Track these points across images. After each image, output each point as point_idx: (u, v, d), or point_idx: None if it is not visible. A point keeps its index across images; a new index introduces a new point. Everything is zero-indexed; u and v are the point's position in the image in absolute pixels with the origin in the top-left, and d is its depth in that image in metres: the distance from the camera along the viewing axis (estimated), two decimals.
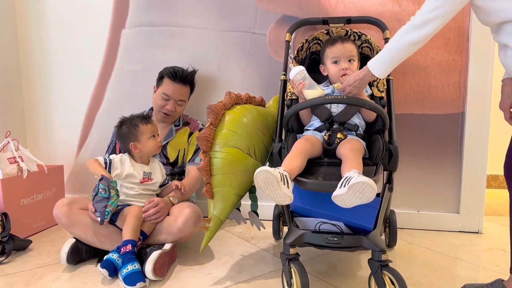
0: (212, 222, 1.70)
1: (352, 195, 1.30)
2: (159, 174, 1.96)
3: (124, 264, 1.59)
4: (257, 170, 1.37)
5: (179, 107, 2.18)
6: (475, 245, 2.08)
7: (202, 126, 2.24)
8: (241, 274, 1.73)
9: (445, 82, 2.19)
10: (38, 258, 1.92)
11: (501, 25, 1.30)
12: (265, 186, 1.38)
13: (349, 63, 1.76)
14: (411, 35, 1.38)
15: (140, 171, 1.91)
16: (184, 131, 2.22)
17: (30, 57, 2.69)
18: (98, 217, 1.72)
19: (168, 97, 2.14)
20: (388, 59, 1.46)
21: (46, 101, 2.71)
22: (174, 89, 2.14)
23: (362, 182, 1.28)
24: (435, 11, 1.33)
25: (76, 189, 2.70)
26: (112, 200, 1.70)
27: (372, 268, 1.43)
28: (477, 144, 2.18)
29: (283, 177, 1.39)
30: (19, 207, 2.15)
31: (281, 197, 1.39)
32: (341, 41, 1.78)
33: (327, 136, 1.65)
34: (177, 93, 2.15)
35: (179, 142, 2.18)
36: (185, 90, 2.19)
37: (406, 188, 2.29)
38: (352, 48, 1.78)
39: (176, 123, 2.23)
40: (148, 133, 1.90)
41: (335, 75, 1.78)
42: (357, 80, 1.56)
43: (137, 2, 2.48)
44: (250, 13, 2.35)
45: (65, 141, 2.71)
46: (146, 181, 1.91)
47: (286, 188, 1.38)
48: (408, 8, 2.17)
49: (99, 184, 1.70)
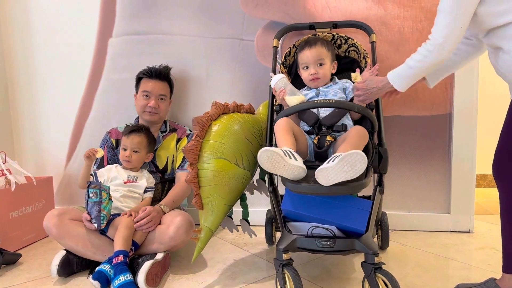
0: (203, 233, 1.69)
1: (341, 168, 1.31)
2: (145, 180, 1.99)
3: (116, 275, 1.58)
4: (259, 152, 1.38)
5: (162, 103, 2.17)
6: (466, 244, 2.10)
7: (190, 131, 2.22)
8: (234, 281, 1.72)
9: None
10: (28, 271, 1.89)
11: (494, 29, 1.33)
12: (272, 165, 1.38)
13: (318, 67, 1.78)
14: (436, 54, 1.39)
15: (125, 174, 1.96)
16: (172, 138, 2.20)
17: (16, 68, 2.66)
18: (94, 223, 1.71)
19: (149, 93, 2.15)
20: (410, 76, 1.50)
21: (33, 112, 2.68)
22: (152, 85, 2.16)
23: (354, 153, 1.29)
24: (453, 25, 1.34)
25: (65, 200, 2.67)
26: (104, 204, 1.72)
27: (365, 271, 1.43)
28: (465, 144, 2.21)
29: (287, 152, 1.39)
30: (7, 220, 2.12)
31: (293, 170, 1.38)
32: (308, 46, 1.80)
33: (316, 140, 1.66)
34: (157, 88, 2.16)
35: (167, 149, 2.17)
36: (163, 85, 2.19)
37: (397, 189, 2.30)
38: (320, 51, 1.79)
39: (162, 130, 2.21)
40: (123, 144, 2.01)
41: (306, 81, 1.82)
42: (375, 88, 1.59)
43: (124, 11, 2.48)
44: (237, 19, 2.36)
45: (53, 152, 2.68)
46: (130, 182, 1.94)
47: (294, 160, 1.38)
48: (394, 11, 2.19)
49: (88, 190, 1.72)
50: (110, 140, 2.19)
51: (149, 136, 2.06)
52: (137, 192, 1.95)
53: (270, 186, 1.71)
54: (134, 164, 1.99)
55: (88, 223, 1.75)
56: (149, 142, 2.04)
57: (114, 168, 2.00)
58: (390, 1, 2.19)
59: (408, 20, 2.19)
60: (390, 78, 1.53)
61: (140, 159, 2.01)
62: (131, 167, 2.00)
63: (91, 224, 1.74)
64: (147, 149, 2.03)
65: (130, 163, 1.98)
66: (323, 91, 1.78)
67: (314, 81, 1.78)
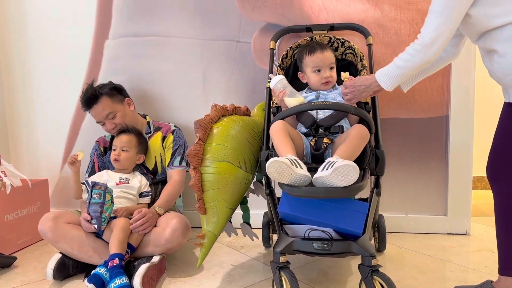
0: (207, 238, 1.68)
1: (335, 177, 1.35)
2: (137, 181, 1.99)
3: (112, 278, 1.57)
4: (267, 164, 1.40)
5: (116, 120, 2.08)
6: (463, 246, 2.10)
7: (175, 127, 2.19)
8: (231, 284, 1.71)
9: (428, 86, 2.22)
10: (23, 275, 1.88)
11: (488, 31, 1.33)
12: (280, 175, 1.40)
13: (330, 71, 1.78)
14: (423, 54, 1.39)
15: (117, 176, 1.97)
16: (157, 137, 2.17)
17: (12, 70, 2.64)
18: (95, 224, 1.71)
19: (98, 121, 2.10)
20: (397, 75, 1.48)
21: (28, 115, 2.66)
22: (94, 113, 2.09)
23: (346, 165, 1.34)
24: (443, 26, 1.34)
25: (61, 203, 2.66)
26: (107, 206, 1.72)
27: (362, 273, 1.43)
28: (462, 146, 2.21)
29: (293, 161, 1.41)
30: (3, 223, 2.11)
31: (299, 179, 1.40)
32: (320, 49, 1.79)
33: (313, 141, 1.66)
34: (98, 113, 2.07)
35: (153, 149, 2.14)
36: (102, 106, 2.06)
37: (394, 192, 2.30)
38: (331, 56, 1.81)
39: (147, 131, 2.18)
40: (113, 145, 2.04)
41: (316, 84, 1.80)
42: (363, 86, 1.58)
43: (120, 13, 2.47)
44: (234, 21, 2.35)
45: (49, 155, 2.66)
46: (123, 183, 1.95)
47: (300, 169, 1.40)
48: (390, 14, 2.20)
49: (92, 190, 1.72)
50: (98, 148, 2.19)
51: (139, 137, 2.06)
52: (130, 192, 1.94)
53: (267, 188, 1.71)
54: (123, 164, 1.98)
55: (87, 224, 1.75)
56: (139, 143, 2.04)
57: (105, 173, 2.01)
58: (387, 3, 2.20)
59: (405, 22, 2.19)
60: (378, 77, 1.52)
61: (129, 158, 2.00)
62: (120, 167, 2.00)
63: (90, 225, 1.74)
64: (137, 148, 2.02)
65: (119, 162, 1.97)
66: (323, 94, 1.78)
67: (327, 84, 1.78)
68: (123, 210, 1.84)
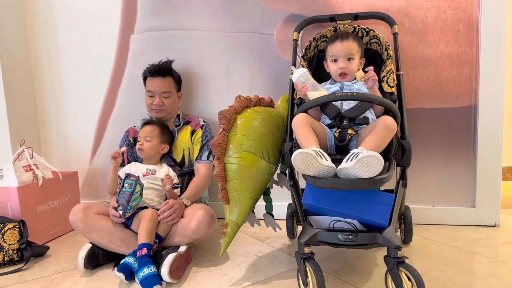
0: (230, 227, 1.70)
1: (359, 168, 1.34)
2: (164, 172, 2.02)
3: (141, 268, 1.61)
4: (293, 155, 1.40)
5: (166, 100, 2.18)
6: (492, 238, 2.05)
7: (204, 122, 2.23)
8: (256, 275, 1.73)
9: (456, 75, 2.16)
10: (56, 264, 1.95)
11: None
12: (306, 167, 1.40)
13: (347, 62, 1.75)
14: None
15: (144, 167, 2.02)
16: (186, 130, 2.22)
17: (41, 66, 2.72)
18: (120, 210, 1.76)
19: (152, 93, 2.17)
20: None
21: (58, 109, 2.74)
22: (155, 84, 2.17)
23: (370, 156, 1.32)
24: None
25: (91, 194, 2.73)
26: (135, 196, 1.77)
27: (388, 265, 1.42)
28: (491, 136, 2.15)
29: (318, 153, 1.41)
30: (35, 214, 2.18)
31: (325, 170, 1.40)
32: (340, 39, 1.77)
33: (337, 133, 1.65)
34: (159, 86, 2.17)
35: (182, 142, 2.19)
36: (166, 82, 2.19)
37: (420, 183, 2.27)
38: (352, 46, 1.77)
39: (176, 124, 2.24)
40: (138, 136, 2.11)
41: (333, 74, 1.79)
42: None
43: (144, 8, 2.50)
44: (257, 13, 2.35)
45: (78, 148, 2.74)
46: (149, 175, 1.99)
47: (325, 161, 1.40)
48: (416, 2, 2.15)
49: (125, 180, 1.78)
50: (128, 138, 2.23)
51: (162, 127, 2.11)
52: (157, 183, 1.98)
53: (291, 179, 1.71)
54: (147, 153, 2.03)
55: (113, 211, 1.79)
56: (161, 133, 2.08)
57: (132, 165, 2.05)
58: None
59: (431, 10, 2.14)
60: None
61: (153, 147, 2.04)
62: (145, 156, 2.04)
63: (116, 212, 1.78)
64: (160, 138, 2.06)
65: (143, 151, 2.02)
66: (347, 85, 1.76)
67: (342, 76, 1.76)
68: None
